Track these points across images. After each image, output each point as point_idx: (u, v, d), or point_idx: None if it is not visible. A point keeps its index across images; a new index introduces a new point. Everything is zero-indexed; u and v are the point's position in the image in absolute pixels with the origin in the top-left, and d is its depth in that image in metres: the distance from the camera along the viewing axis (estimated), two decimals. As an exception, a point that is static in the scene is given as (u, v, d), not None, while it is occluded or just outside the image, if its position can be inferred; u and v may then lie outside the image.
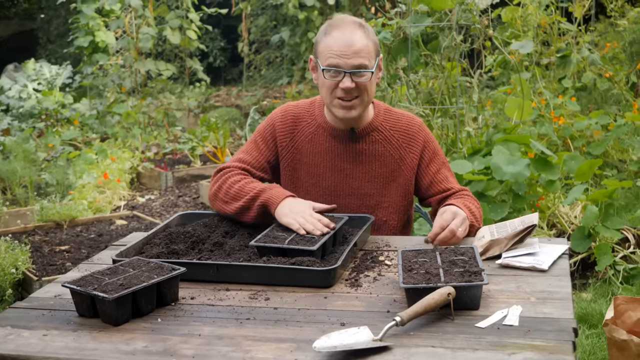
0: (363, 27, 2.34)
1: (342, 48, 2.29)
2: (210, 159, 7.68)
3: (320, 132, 2.49)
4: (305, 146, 2.49)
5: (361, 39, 2.30)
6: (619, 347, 2.43)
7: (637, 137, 5.89)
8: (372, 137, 2.47)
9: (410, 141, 2.48)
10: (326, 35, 2.33)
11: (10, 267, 4.13)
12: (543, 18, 6.77)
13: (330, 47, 2.30)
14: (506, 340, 1.55)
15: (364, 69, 2.30)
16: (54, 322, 1.77)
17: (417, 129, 2.50)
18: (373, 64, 2.33)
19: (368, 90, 2.35)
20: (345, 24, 2.33)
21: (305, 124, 2.51)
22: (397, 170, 2.48)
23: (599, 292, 3.96)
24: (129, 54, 8.91)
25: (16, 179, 6.42)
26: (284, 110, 2.55)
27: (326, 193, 2.47)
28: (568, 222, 4.47)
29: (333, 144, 2.47)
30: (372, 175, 2.46)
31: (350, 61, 2.29)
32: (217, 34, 14.49)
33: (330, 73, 2.32)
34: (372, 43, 2.34)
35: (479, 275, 1.76)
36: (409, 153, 2.48)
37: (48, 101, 9.80)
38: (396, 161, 2.47)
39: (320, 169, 2.48)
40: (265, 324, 1.70)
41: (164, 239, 2.23)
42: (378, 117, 2.49)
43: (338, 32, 2.31)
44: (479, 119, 5.20)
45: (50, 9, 15.26)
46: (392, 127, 2.49)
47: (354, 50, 2.28)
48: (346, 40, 2.29)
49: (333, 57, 2.30)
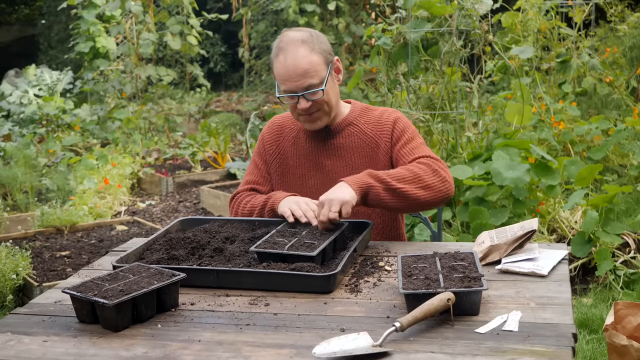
0: (306, 42, 2.37)
1: (290, 72, 2.36)
2: (210, 164, 7.68)
3: (301, 135, 2.58)
4: (290, 150, 2.59)
5: (305, 56, 2.35)
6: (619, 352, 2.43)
7: (637, 142, 5.89)
8: (348, 131, 2.54)
9: (382, 127, 2.53)
10: (275, 58, 2.41)
11: (11, 272, 4.13)
12: (543, 23, 6.77)
13: (280, 73, 2.38)
14: (506, 346, 1.55)
15: (314, 88, 2.37)
16: (55, 328, 1.78)
17: (388, 115, 2.55)
18: (324, 75, 2.39)
19: (326, 101, 2.43)
20: (289, 44, 2.38)
21: (289, 129, 2.62)
22: (374, 158, 2.52)
23: (599, 297, 3.96)
24: (130, 60, 8.92)
25: (17, 185, 6.43)
26: (271, 122, 2.69)
27: (312, 191, 2.51)
28: (568, 227, 4.48)
29: (313, 144, 2.56)
30: (352, 167, 2.51)
31: (300, 83, 2.36)
32: (217, 40, 14.52)
33: (287, 97, 2.41)
34: (319, 54, 2.38)
35: (478, 280, 1.76)
36: (381, 138, 2.52)
37: (49, 107, 9.81)
38: (372, 149, 2.52)
39: (305, 169, 2.56)
40: (265, 330, 1.70)
41: (164, 245, 2.24)
42: (353, 113, 2.57)
43: (283, 56, 2.37)
44: (479, 124, 5.21)
45: (51, 14, 15.29)
46: (368, 121, 2.56)
47: (300, 73, 2.35)
48: (291, 64, 2.35)
49: (285, 82, 2.38)
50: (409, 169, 2.35)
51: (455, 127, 5.05)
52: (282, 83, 2.39)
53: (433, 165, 2.37)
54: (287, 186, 2.58)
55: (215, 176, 7.32)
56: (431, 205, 2.37)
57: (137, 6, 8.64)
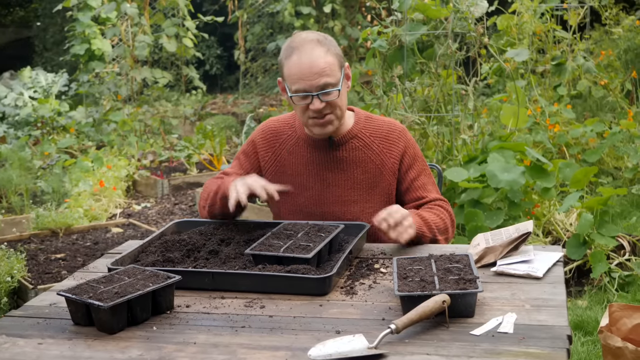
0: (321, 42, 2.34)
1: (304, 71, 2.30)
2: (206, 166, 7.68)
3: (301, 144, 2.52)
4: (288, 158, 2.53)
5: (321, 56, 2.31)
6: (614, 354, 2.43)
7: (632, 145, 5.91)
8: (352, 144, 2.49)
9: (390, 146, 2.50)
10: (287, 59, 2.34)
11: (6, 275, 4.12)
12: (538, 26, 6.79)
13: (293, 72, 2.32)
14: (501, 348, 1.56)
15: (330, 88, 2.32)
16: (49, 330, 1.77)
17: (397, 134, 2.52)
18: (339, 77, 2.35)
19: (339, 105, 2.38)
20: (303, 44, 2.33)
21: (286, 137, 2.55)
22: (378, 176, 2.49)
23: (594, 299, 3.97)
24: (125, 62, 8.92)
25: (12, 187, 6.42)
26: (265, 125, 2.61)
27: (310, 202, 2.49)
28: (563, 229, 4.48)
29: (314, 154, 2.50)
30: (354, 182, 2.48)
31: (315, 82, 2.30)
32: (213, 42, 14.51)
33: (299, 97, 2.34)
34: (334, 56, 2.34)
35: (473, 282, 1.77)
36: (389, 158, 2.49)
37: (44, 109, 9.78)
38: (377, 167, 2.49)
39: (304, 179, 2.51)
40: (261, 332, 1.70)
41: (159, 247, 2.23)
42: (357, 125, 2.51)
43: (298, 55, 2.31)
44: (474, 127, 5.21)
45: (47, 17, 15.26)
46: (373, 134, 2.51)
47: (316, 72, 2.29)
48: (307, 62, 2.30)
49: (298, 81, 2.32)
50: (442, 218, 2.44)
51: (451, 130, 5.06)
52: (295, 82, 2.32)
53: (452, 216, 2.49)
54: (284, 195, 2.51)
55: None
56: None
57: (133, 8, 8.64)
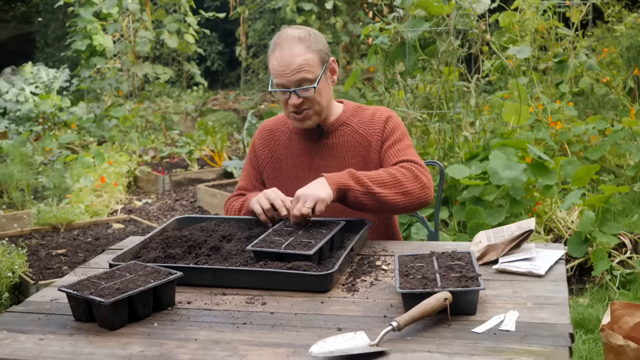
0: (303, 39, 2.39)
1: (283, 67, 2.37)
2: (207, 162, 7.68)
3: (293, 137, 2.59)
4: (283, 153, 2.60)
5: (301, 53, 2.37)
6: (616, 352, 2.43)
7: (634, 142, 5.90)
8: (341, 130, 2.54)
9: (373, 125, 2.53)
10: (272, 53, 2.43)
11: (7, 270, 4.12)
12: (540, 23, 6.78)
13: (274, 67, 2.40)
14: (503, 346, 1.55)
15: (307, 84, 2.38)
16: (50, 326, 1.77)
17: (380, 114, 2.55)
18: (318, 73, 2.40)
19: (318, 100, 2.43)
20: (286, 40, 2.40)
21: (280, 133, 2.63)
22: (367, 157, 2.52)
23: (595, 297, 3.96)
24: (127, 58, 8.91)
25: (13, 183, 6.42)
26: (261, 127, 2.70)
27: None
28: (565, 227, 4.48)
29: (305, 145, 2.56)
30: (346, 166, 2.49)
31: (292, 78, 2.37)
32: (214, 38, 14.51)
33: (279, 92, 2.42)
34: (315, 53, 2.39)
35: (475, 280, 1.76)
36: (373, 136, 2.52)
37: (45, 104, 9.79)
38: (365, 148, 2.52)
39: (299, 171, 2.56)
40: (262, 329, 1.70)
41: (160, 243, 2.23)
42: (346, 113, 2.57)
43: (279, 51, 2.39)
44: (476, 124, 5.21)
45: (48, 12, 15.26)
46: (360, 120, 2.56)
47: (294, 68, 2.36)
48: (286, 59, 2.37)
49: (277, 76, 2.39)
50: (391, 172, 2.35)
51: (453, 127, 5.05)
52: (276, 77, 2.41)
53: (415, 171, 2.37)
54: (282, 188, 2.53)
55: (212, 175, 7.32)
56: (407, 210, 2.39)
57: (135, 4, 8.63)
